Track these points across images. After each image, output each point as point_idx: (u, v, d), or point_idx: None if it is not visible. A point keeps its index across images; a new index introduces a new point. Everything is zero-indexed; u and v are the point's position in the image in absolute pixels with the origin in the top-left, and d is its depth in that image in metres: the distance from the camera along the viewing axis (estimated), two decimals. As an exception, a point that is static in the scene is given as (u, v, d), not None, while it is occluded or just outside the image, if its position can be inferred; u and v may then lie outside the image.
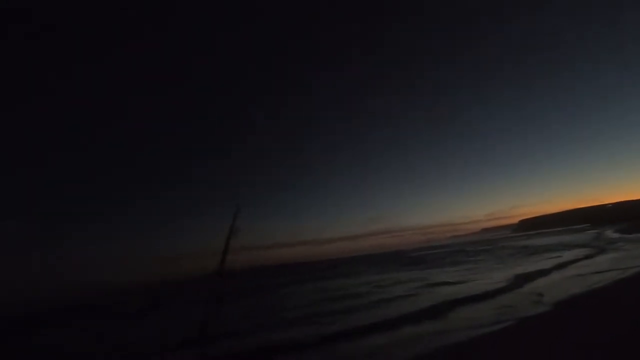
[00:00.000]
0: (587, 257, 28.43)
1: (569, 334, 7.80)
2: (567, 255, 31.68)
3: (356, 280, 34.10)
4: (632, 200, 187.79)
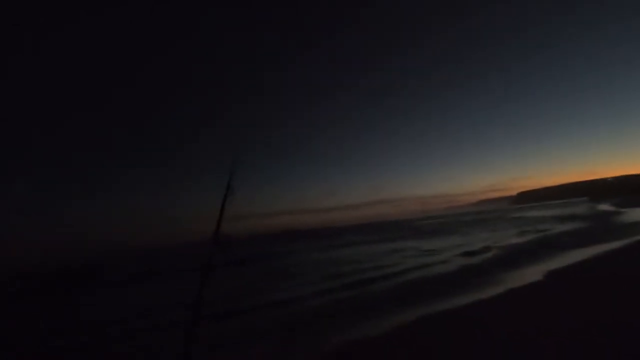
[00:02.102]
0: (577, 229, 28.60)
1: (556, 304, 7.80)
2: (557, 228, 31.93)
3: (370, 250, 33.93)
4: (632, 175, 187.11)
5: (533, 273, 12.32)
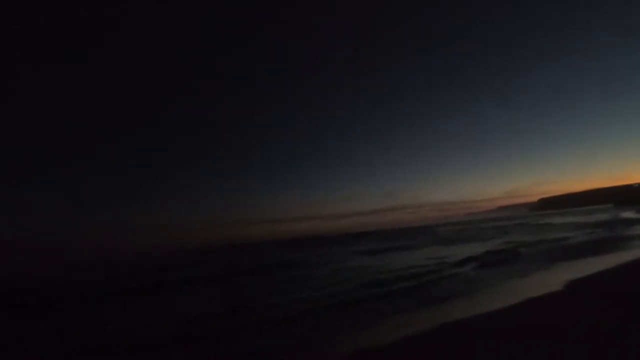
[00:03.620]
0: (596, 238, 28.13)
1: (567, 314, 7.96)
2: (576, 236, 31.39)
3: (387, 258, 34.16)
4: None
5: (544, 284, 12.36)
